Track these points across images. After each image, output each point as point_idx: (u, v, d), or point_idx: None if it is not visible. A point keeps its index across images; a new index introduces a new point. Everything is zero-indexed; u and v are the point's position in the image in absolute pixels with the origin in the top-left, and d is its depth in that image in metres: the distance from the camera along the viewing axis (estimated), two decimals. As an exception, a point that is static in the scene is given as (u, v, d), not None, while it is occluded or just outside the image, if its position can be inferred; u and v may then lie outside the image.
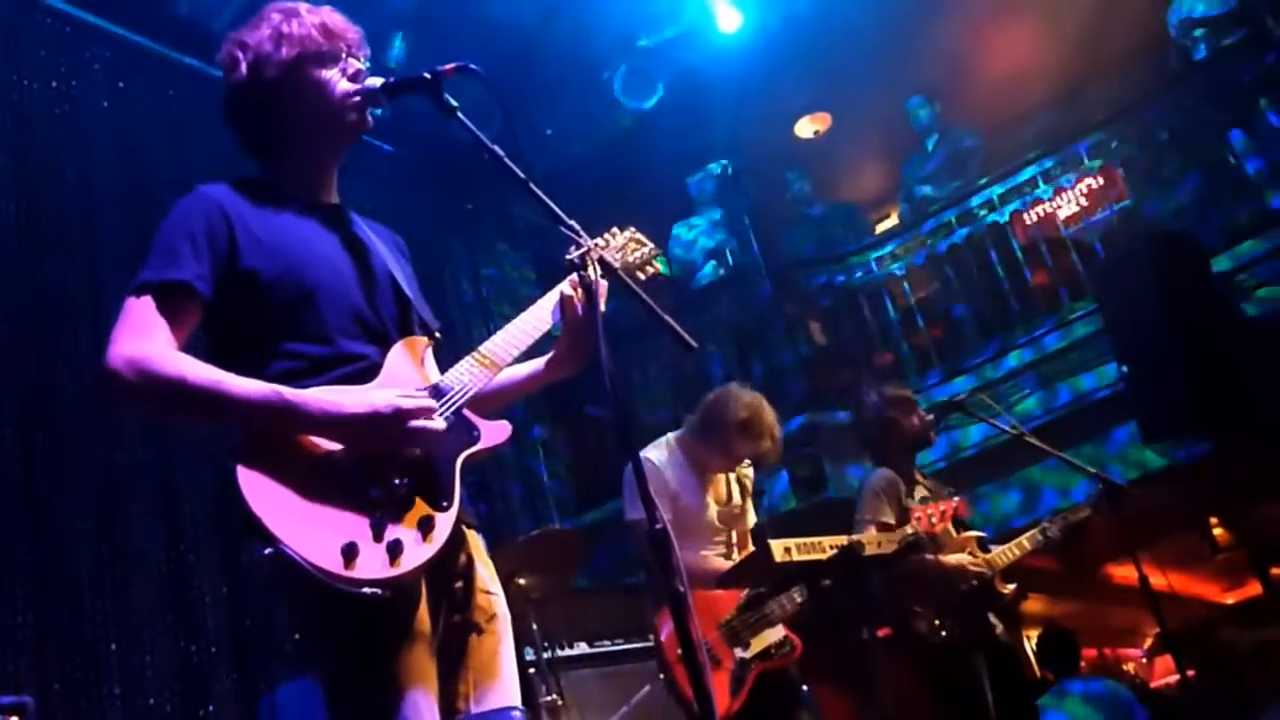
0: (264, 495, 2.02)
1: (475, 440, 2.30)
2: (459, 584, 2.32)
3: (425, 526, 2.11)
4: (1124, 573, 9.57)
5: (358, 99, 2.43)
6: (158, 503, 5.60)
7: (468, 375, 2.36)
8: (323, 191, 2.50)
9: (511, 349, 2.46)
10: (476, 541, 2.39)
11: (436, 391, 2.29)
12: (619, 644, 5.68)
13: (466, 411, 2.32)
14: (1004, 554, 4.94)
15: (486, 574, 2.39)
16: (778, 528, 4.27)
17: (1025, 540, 5.02)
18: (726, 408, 4.46)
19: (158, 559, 5.47)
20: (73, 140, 6.06)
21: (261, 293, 2.26)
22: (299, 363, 2.23)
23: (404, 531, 2.08)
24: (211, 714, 5.26)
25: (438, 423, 2.21)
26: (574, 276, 2.48)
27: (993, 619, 4.88)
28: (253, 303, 2.26)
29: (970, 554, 4.88)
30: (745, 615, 4.17)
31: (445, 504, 2.17)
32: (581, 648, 5.66)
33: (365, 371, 2.27)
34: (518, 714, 1.56)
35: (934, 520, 4.41)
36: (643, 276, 2.74)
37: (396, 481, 2.13)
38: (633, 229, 2.74)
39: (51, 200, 5.79)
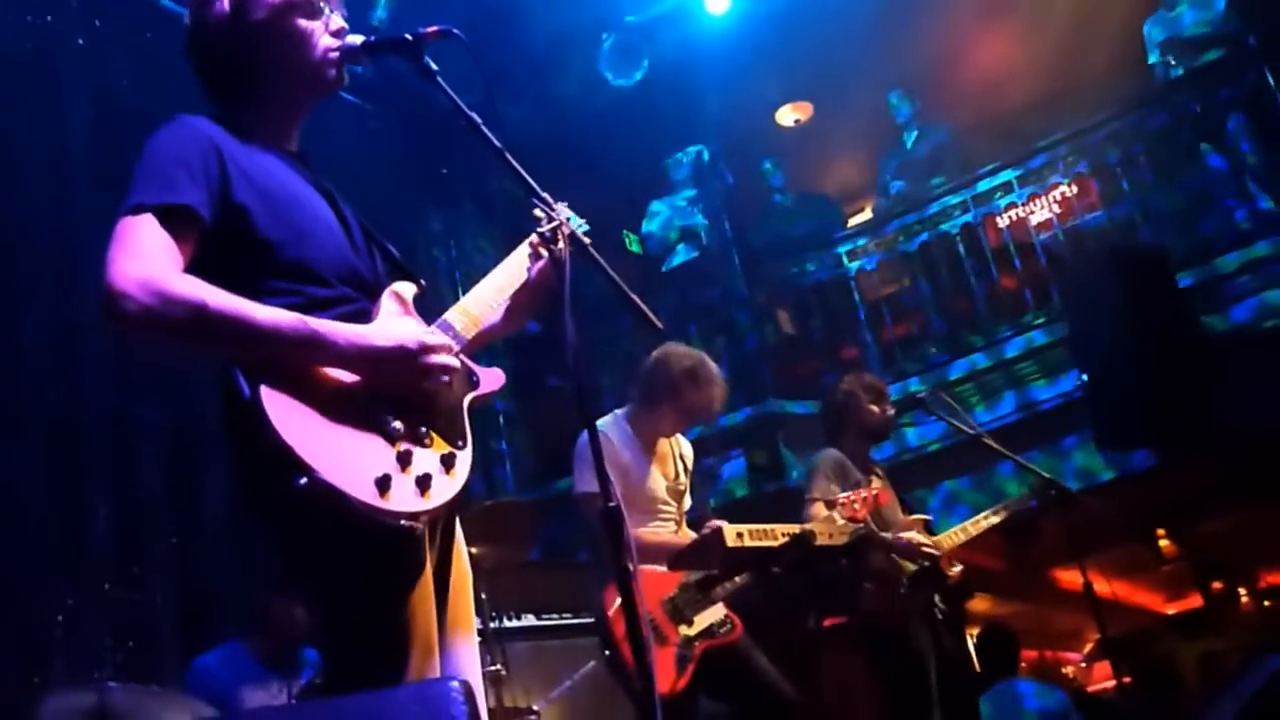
0: (292, 423, 1.93)
1: (476, 384, 2.32)
2: (443, 532, 2.32)
3: (448, 462, 2.10)
4: (1070, 578, 9.67)
5: (337, 55, 2.40)
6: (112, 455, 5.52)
7: (459, 324, 2.39)
8: (290, 140, 2.46)
9: (491, 304, 2.49)
10: None
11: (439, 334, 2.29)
12: (567, 618, 5.68)
13: (463, 356, 2.33)
14: (952, 536, 5.02)
15: (459, 528, 2.42)
16: (730, 514, 4.27)
17: (970, 525, 5.10)
18: (668, 363, 4.48)
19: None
20: (45, 77, 5.96)
21: (253, 229, 2.17)
22: (297, 298, 2.14)
23: (431, 464, 2.06)
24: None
25: (457, 361, 2.22)
26: (535, 237, 2.51)
27: (937, 600, 4.99)
28: (245, 237, 2.16)
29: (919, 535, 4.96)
30: (688, 593, 4.19)
31: (461, 442, 2.17)
32: (529, 620, 5.67)
33: (361, 313, 2.23)
34: (456, 685, 1.53)
35: (857, 506, 4.48)
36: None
37: (416, 416, 2.10)
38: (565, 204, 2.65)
39: (20, 136, 5.68)
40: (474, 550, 4.43)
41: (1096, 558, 6.70)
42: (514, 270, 2.57)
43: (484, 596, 4.58)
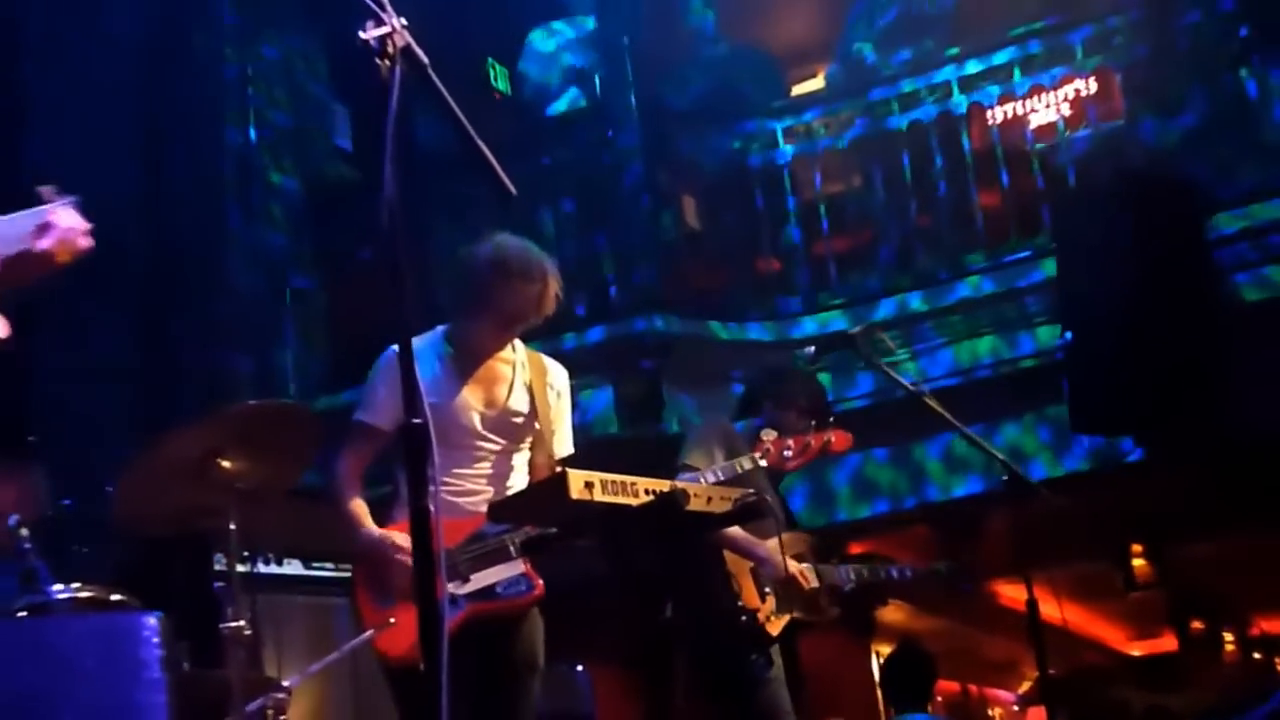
0: None
1: None
2: None
3: None
4: (1012, 593, 9.94)
5: None
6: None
7: None
8: None
9: None
10: None
11: None
12: (345, 570, 5.59)
13: None
14: (851, 572, 5.62)
15: None
16: (589, 458, 4.32)
17: (867, 572, 5.74)
18: (474, 256, 4.58)
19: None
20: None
21: None
22: None
23: None
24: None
25: None
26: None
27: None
28: None
29: (800, 560, 5.41)
30: (471, 545, 4.35)
31: None
32: (294, 566, 5.87)
33: None
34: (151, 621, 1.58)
35: (788, 453, 4.62)
36: None
37: None
38: None
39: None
40: (226, 463, 4.49)
41: (1048, 571, 6.93)
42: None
43: (233, 526, 4.51)
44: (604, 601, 4.84)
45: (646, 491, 3.80)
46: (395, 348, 4.26)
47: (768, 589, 5.34)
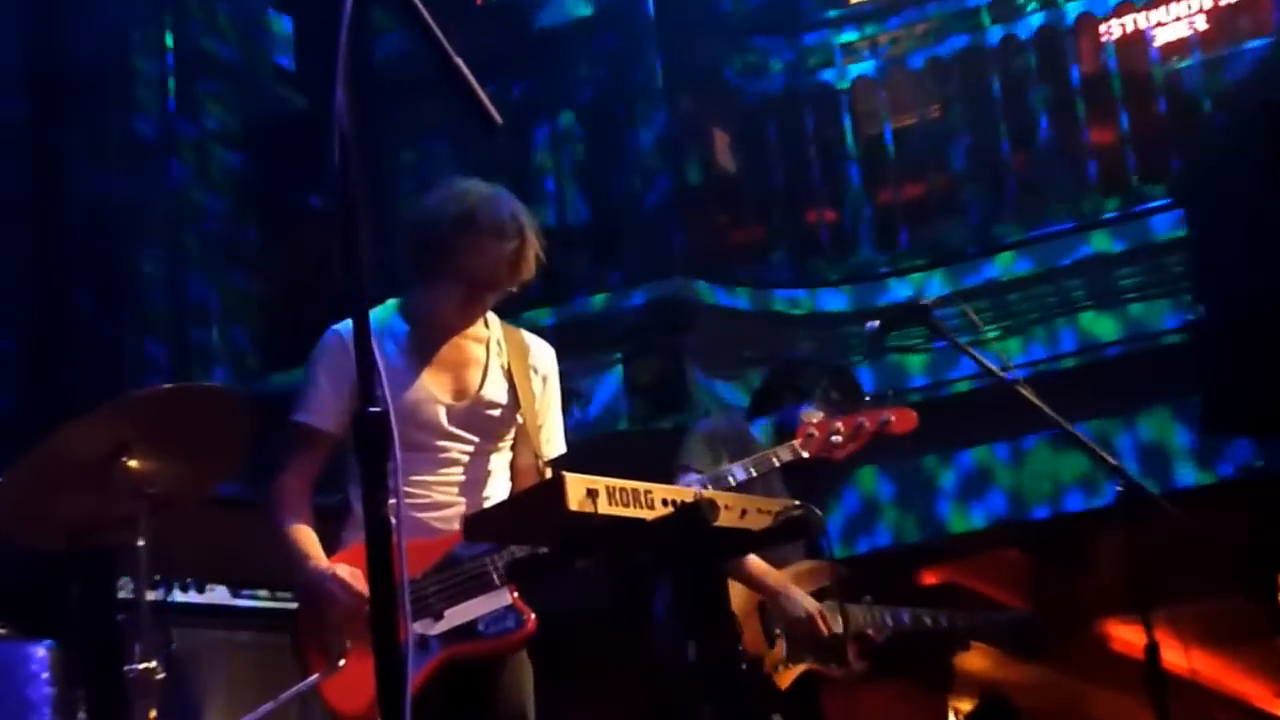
0: None
1: None
2: None
3: None
4: (1127, 636, 9.92)
5: None
6: None
7: None
8: None
9: None
10: None
11: None
12: (282, 600, 5.81)
13: None
14: (886, 616, 5.68)
15: None
16: (594, 459, 4.35)
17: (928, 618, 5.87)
18: (434, 208, 4.58)
19: None
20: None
21: None
22: None
23: None
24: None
25: None
26: None
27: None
28: None
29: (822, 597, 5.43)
30: (443, 571, 4.35)
31: None
32: (219, 594, 5.86)
33: None
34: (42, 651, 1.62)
35: (836, 439, 4.66)
36: None
37: None
38: None
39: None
40: (133, 462, 4.51)
41: (1174, 609, 7.00)
42: None
43: (141, 543, 4.53)
44: (610, 641, 4.93)
45: (664, 502, 3.79)
46: (339, 326, 4.50)
47: (778, 630, 5.36)
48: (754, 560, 5.21)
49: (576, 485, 3.66)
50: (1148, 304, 8.07)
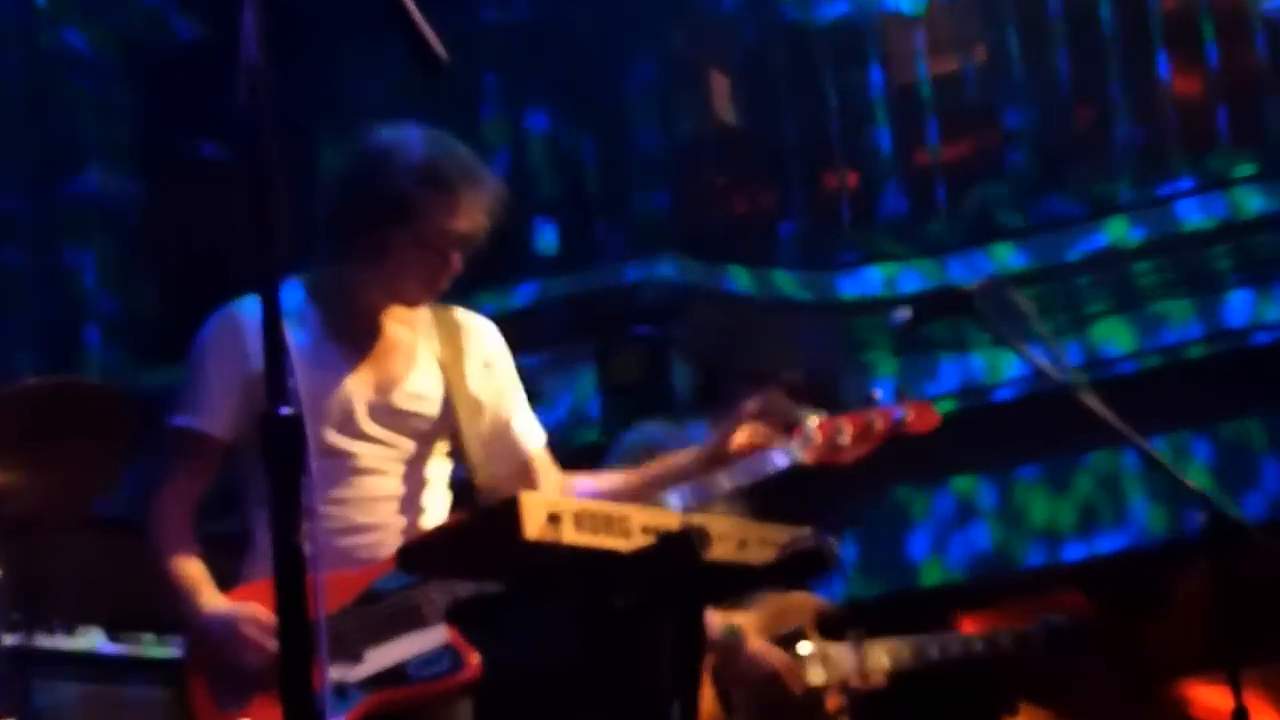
0: None
1: None
2: None
3: None
4: (1211, 699, 9.87)
5: None
6: None
7: None
8: None
9: None
10: None
11: None
12: (170, 646, 5.73)
13: None
14: (880, 654, 5.64)
15: None
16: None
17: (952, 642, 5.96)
18: (376, 158, 4.57)
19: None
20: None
21: None
22: None
23: None
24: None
25: None
26: None
27: None
28: None
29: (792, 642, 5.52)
30: (365, 605, 4.40)
31: None
32: (92, 638, 5.88)
33: None
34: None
35: (842, 440, 4.61)
36: None
37: None
38: None
39: None
40: None
41: (1268, 667, 7.04)
42: None
43: (-1, 574, 4.59)
44: (572, 695, 4.88)
45: (644, 529, 3.76)
46: (233, 306, 4.49)
47: (736, 700, 5.38)
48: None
49: (535, 507, 3.65)
50: (1234, 291, 8.10)
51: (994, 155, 8.94)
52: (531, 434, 4.80)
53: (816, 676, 5.37)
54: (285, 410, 2.49)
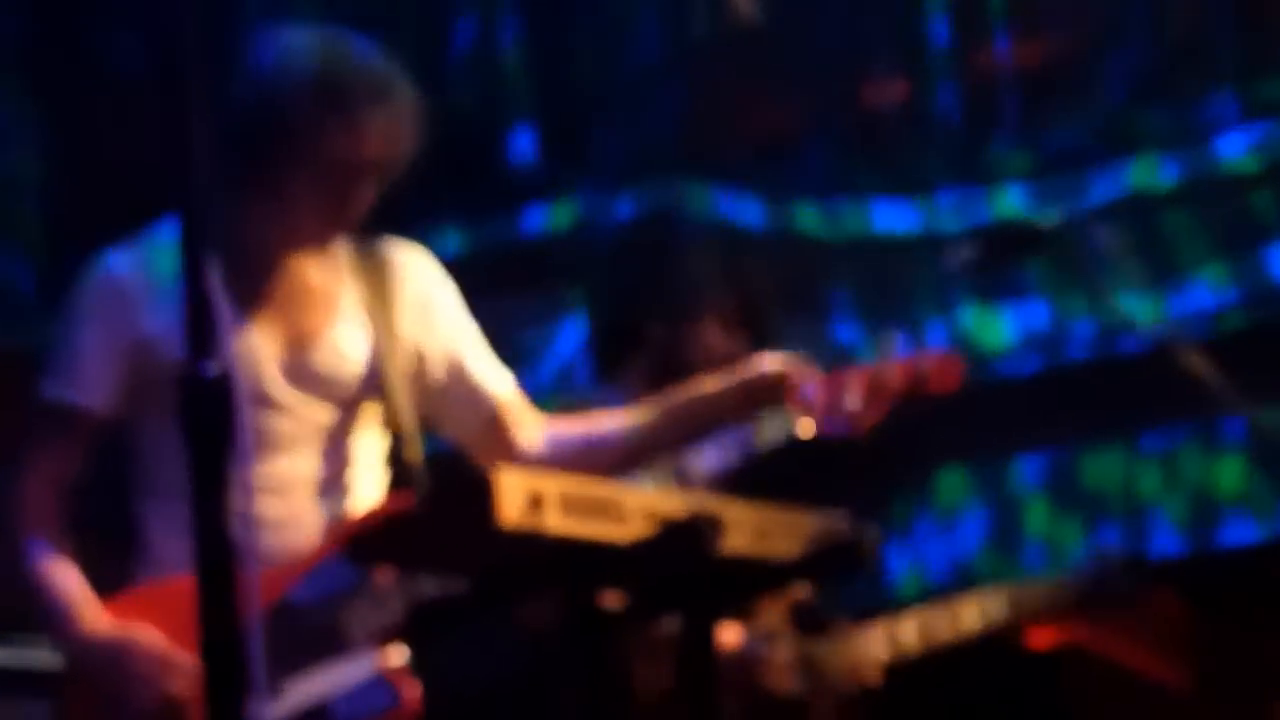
0: None
1: None
2: None
3: None
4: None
5: None
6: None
7: None
8: None
9: None
10: None
11: None
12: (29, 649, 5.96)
13: None
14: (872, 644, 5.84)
15: None
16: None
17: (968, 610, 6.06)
18: (271, 71, 4.64)
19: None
20: None
21: None
22: None
23: None
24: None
25: None
26: None
27: None
28: None
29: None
30: (283, 622, 4.29)
31: None
32: None
33: None
34: None
35: (850, 404, 4.56)
36: None
37: None
38: None
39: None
40: None
41: None
42: None
43: None
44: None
45: (647, 513, 3.73)
46: (109, 258, 4.63)
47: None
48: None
49: (514, 487, 3.61)
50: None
51: (1075, 61, 8.80)
52: (495, 377, 4.84)
53: (798, 680, 5.49)
54: (210, 372, 2.44)
